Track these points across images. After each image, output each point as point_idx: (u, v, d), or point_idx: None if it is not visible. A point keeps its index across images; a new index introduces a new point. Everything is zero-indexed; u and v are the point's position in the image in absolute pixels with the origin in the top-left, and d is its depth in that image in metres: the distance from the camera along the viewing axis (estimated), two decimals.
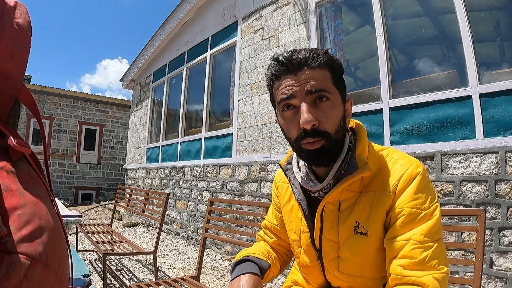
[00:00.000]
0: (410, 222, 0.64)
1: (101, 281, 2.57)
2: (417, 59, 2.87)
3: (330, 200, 0.72)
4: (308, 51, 0.67)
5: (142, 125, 6.80)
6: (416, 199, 0.65)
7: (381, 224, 0.68)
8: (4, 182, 0.36)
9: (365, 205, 0.70)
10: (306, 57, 0.66)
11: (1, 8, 0.41)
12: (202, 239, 2.04)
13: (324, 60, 0.67)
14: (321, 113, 0.66)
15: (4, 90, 0.42)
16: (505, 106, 2.00)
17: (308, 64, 0.66)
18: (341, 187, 0.69)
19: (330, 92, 0.66)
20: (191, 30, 5.39)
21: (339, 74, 0.70)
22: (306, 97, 0.66)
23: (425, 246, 0.61)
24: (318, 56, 0.67)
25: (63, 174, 9.87)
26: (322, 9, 3.29)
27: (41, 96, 9.59)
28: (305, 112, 0.64)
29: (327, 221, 0.73)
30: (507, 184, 1.92)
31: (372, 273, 0.71)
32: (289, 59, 0.67)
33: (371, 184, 0.71)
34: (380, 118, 2.62)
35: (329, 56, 0.69)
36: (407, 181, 0.67)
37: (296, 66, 0.66)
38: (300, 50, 0.68)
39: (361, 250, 0.70)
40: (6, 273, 0.31)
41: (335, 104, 0.67)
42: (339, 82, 0.70)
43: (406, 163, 0.70)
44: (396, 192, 0.67)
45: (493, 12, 2.43)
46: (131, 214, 6.20)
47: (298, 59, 0.66)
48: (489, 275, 1.93)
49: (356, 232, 0.70)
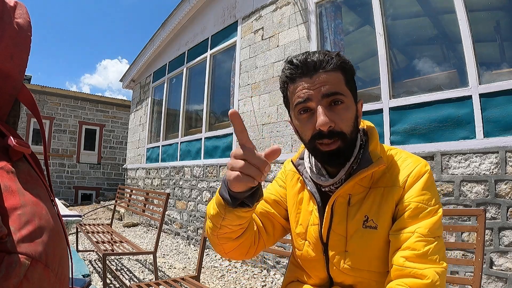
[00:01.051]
0: (416, 216, 0.66)
1: (101, 281, 2.57)
2: (417, 59, 2.87)
3: (341, 193, 0.73)
4: (322, 54, 0.69)
5: (142, 125, 6.80)
6: (423, 194, 0.68)
7: (390, 216, 0.70)
8: (4, 182, 0.36)
9: (375, 200, 0.72)
10: (320, 60, 0.68)
11: (1, 8, 0.41)
12: (202, 239, 2.04)
13: (338, 62, 0.69)
14: (336, 115, 0.68)
15: (4, 90, 0.42)
16: (505, 106, 2.00)
17: (322, 67, 0.68)
18: (354, 181, 0.71)
19: (343, 95, 0.69)
20: (191, 30, 5.39)
21: (351, 76, 0.72)
22: (322, 100, 0.68)
23: (428, 240, 0.64)
24: (332, 59, 0.68)
25: (63, 174, 9.88)
26: (322, 9, 3.29)
27: (41, 96, 9.59)
28: (321, 115, 0.66)
29: (337, 214, 0.75)
30: (507, 184, 1.92)
31: (379, 267, 0.72)
32: (304, 62, 0.69)
33: (381, 180, 0.73)
34: (380, 118, 2.62)
35: (341, 59, 0.70)
36: (416, 177, 0.70)
37: (311, 69, 0.68)
38: (314, 53, 0.70)
39: (370, 243, 0.71)
40: (6, 273, 0.31)
41: (349, 105, 0.70)
42: (351, 84, 0.72)
43: (415, 161, 0.73)
44: (405, 186, 0.70)
45: (493, 12, 2.43)
46: (131, 214, 6.20)
47: (312, 62, 0.68)
48: (489, 275, 1.93)
49: (365, 226, 0.72)
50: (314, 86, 0.68)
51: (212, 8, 4.89)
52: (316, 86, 0.68)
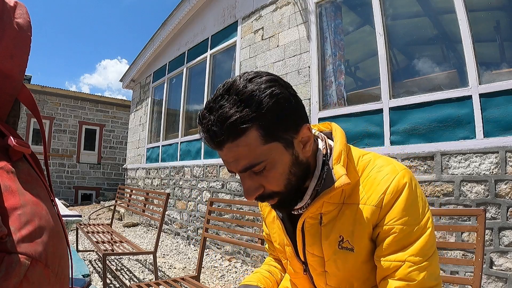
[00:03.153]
0: (402, 240, 0.61)
1: (101, 281, 2.57)
2: (417, 59, 2.87)
3: (309, 214, 0.68)
4: (222, 120, 0.54)
5: (142, 125, 6.80)
6: (406, 215, 0.61)
7: (367, 238, 0.65)
8: (4, 182, 0.36)
9: (348, 219, 0.65)
10: (221, 132, 0.54)
11: (1, 8, 0.41)
12: (202, 239, 2.04)
13: (245, 121, 0.54)
14: (262, 178, 0.60)
15: (4, 90, 0.42)
16: (505, 106, 2.00)
17: (225, 141, 0.55)
18: (320, 202, 0.65)
19: (261, 161, 0.57)
20: (191, 30, 5.39)
21: (272, 120, 0.56)
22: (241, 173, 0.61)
23: (421, 267, 0.59)
24: (234, 124, 0.54)
25: (63, 174, 9.88)
26: (322, 9, 3.29)
27: (41, 96, 9.59)
28: (244, 184, 0.61)
29: (309, 235, 0.70)
30: (507, 184, 1.92)
31: (360, 286, 0.70)
32: (208, 137, 0.57)
33: (354, 195, 0.65)
34: (380, 118, 2.62)
35: (251, 106, 0.54)
36: (393, 194, 0.62)
37: (216, 145, 0.57)
38: (214, 121, 0.55)
39: (348, 265, 0.67)
40: (6, 273, 0.31)
41: (275, 161, 0.59)
42: (275, 130, 0.57)
43: (391, 172, 0.64)
44: (382, 206, 0.62)
45: (493, 12, 2.43)
46: (131, 214, 6.20)
47: (214, 135, 0.55)
48: (489, 275, 1.93)
49: (341, 247, 0.67)
50: (228, 161, 0.59)
51: (212, 8, 4.89)
52: (229, 161, 0.59)
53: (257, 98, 0.55)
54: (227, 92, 0.56)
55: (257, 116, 0.55)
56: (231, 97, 0.55)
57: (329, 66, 3.15)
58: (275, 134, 0.57)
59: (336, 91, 3.07)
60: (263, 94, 0.55)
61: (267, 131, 0.56)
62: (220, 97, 0.56)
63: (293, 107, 0.59)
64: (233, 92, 0.56)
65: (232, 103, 0.55)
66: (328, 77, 3.15)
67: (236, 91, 0.55)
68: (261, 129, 0.55)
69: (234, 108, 0.54)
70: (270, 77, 0.59)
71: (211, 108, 0.56)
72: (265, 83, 0.57)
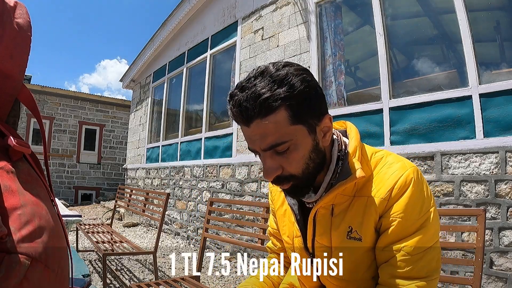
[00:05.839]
0: (402, 232, 0.64)
1: (101, 281, 2.56)
2: (417, 59, 2.87)
3: (322, 205, 0.71)
4: (255, 96, 0.57)
5: (142, 125, 6.80)
6: (410, 208, 0.64)
7: (373, 228, 0.68)
8: (4, 182, 0.36)
9: (358, 210, 0.69)
10: (253, 107, 0.58)
11: (1, 8, 0.41)
12: (202, 239, 2.04)
13: (277, 100, 0.57)
14: (283, 158, 0.62)
15: (4, 90, 0.42)
16: (505, 106, 2.00)
17: (256, 115, 0.58)
18: (334, 194, 0.68)
19: (286, 141, 0.60)
20: (191, 30, 5.39)
21: (301, 102, 0.60)
22: (263, 151, 0.63)
23: (414, 257, 0.63)
24: (266, 100, 0.57)
25: (63, 174, 9.87)
26: (322, 9, 3.29)
27: (41, 96, 9.59)
28: (264, 163, 0.63)
29: (320, 226, 0.73)
30: (507, 184, 1.92)
31: (364, 275, 0.72)
32: (238, 107, 0.60)
33: (365, 188, 0.69)
34: (380, 118, 2.62)
35: (284, 90, 0.58)
36: (401, 188, 0.65)
37: (245, 118, 0.60)
38: (247, 97, 0.58)
39: (355, 254, 0.70)
40: (6, 273, 0.31)
41: (298, 143, 0.62)
42: (302, 113, 0.60)
43: (401, 168, 0.67)
44: (389, 199, 0.66)
45: (493, 12, 2.43)
46: (131, 214, 6.20)
47: (245, 109, 0.58)
48: (489, 275, 1.93)
49: (349, 237, 0.70)
50: (253, 138, 0.61)
51: (212, 8, 4.89)
52: (254, 138, 0.61)
53: (290, 80, 0.59)
54: (260, 75, 0.60)
55: (289, 96, 0.58)
56: (264, 78, 0.59)
57: (329, 66, 3.15)
58: (302, 117, 0.60)
59: (336, 91, 3.07)
60: (296, 78, 0.59)
61: (295, 112, 0.59)
62: (253, 78, 0.60)
63: (319, 95, 0.64)
64: (266, 74, 0.59)
65: (265, 83, 0.58)
66: (328, 77, 3.15)
67: (270, 73, 0.59)
68: (290, 110, 0.59)
69: (267, 87, 0.58)
70: (301, 66, 0.64)
71: (244, 87, 0.60)
72: (297, 71, 0.61)
